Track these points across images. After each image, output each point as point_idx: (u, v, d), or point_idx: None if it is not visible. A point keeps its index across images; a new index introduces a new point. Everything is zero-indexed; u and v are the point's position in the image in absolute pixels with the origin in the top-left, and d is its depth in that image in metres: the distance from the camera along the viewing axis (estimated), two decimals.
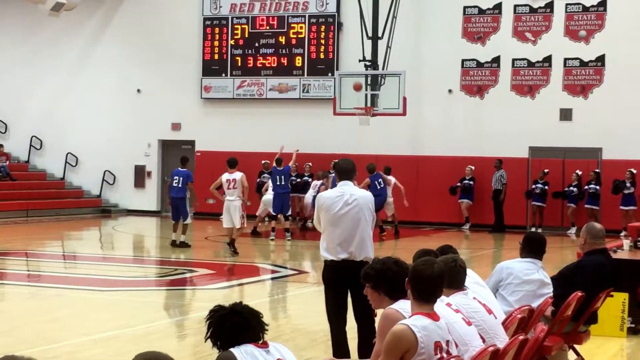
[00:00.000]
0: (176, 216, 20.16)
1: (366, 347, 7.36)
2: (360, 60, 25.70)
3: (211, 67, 30.26)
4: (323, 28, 29.13)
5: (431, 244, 8.40)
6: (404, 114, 24.72)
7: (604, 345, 10.27)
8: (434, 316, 5.20)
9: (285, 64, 29.42)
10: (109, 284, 15.56)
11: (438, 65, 27.77)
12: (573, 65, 26.75)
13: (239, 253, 18.83)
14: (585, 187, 25.74)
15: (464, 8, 27.82)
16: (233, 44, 30.04)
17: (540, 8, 27.14)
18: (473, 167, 27.02)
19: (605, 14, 26.52)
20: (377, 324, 5.68)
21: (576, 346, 8.59)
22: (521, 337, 5.97)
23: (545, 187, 26.30)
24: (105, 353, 9.89)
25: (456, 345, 5.34)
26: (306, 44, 29.24)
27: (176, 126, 30.99)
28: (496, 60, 27.49)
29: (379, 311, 5.87)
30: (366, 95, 24.86)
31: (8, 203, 28.17)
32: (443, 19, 27.89)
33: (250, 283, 16.21)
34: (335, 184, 8.91)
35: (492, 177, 26.60)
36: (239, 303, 4.61)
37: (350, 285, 8.42)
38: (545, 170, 26.39)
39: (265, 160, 28.12)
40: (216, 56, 30.21)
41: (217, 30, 30.21)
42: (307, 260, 19.94)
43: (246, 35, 29.91)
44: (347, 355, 8.38)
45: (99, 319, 11.99)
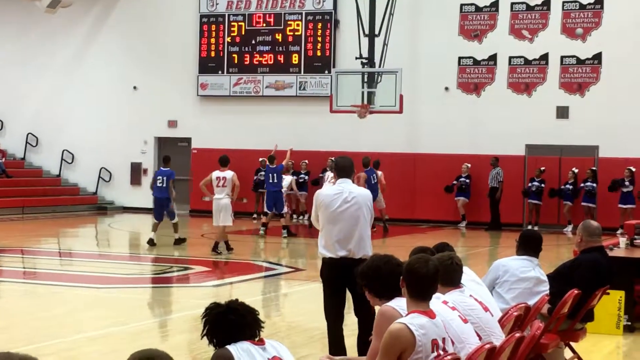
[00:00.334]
0: (159, 216, 20.02)
1: (366, 344, 7.37)
2: (357, 58, 25.68)
3: (208, 65, 30.23)
4: (320, 25, 29.11)
5: (427, 242, 8.40)
6: (401, 111, 24.71)
7: (600, 343, 10.28)
8: (431, 314, 5.19)
9: (282, 62, 29.39)
10: (105, 281, 15.54)
11: (435, 62, 27.77)
12: (570, 63, 26.76)
13: (233, 249, 18.84)
14: (582, 185, 25.75)
15: (461, 5, 27.81)
16: (229, 41, 30.02)
17: (537, 6, 27.13)
18: (469, 165, 27.02)
19: (602, 12, 26.53)
20: (374, 322, 5.67)
21: (572, 344, 8.58)
22: (517, 335, 5.96)
23: (542, 185, 26.31)
24: (101, 350, 9.88)
25: (452, 343, 5.33)
26: (303, 41, 29.22)
27: (172, 123, 30.96)
28: (493, 58, 27.49)
29: (377, 308, 5.87)
30: (363, 92, 24.85)
31: (4, 200, 28.14)
32: (440, 16, 27.87)
33: (246, 280, 16.20)
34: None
35: (489, 175, 26.61)
36: (235, 300, 4.60)
37: (348, 283, 8.42)
38: (541, 168, 26.39)
39: (263, 158, 28.10)
40: (213, 53, 30.19)
41: (214, 27, 30.19)
42: (303, 258, 19.93)
43: (243, 33, 29.89)
44: (344, 352, 8.39)
45: (95, 316, 11.97)
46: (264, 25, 29.67)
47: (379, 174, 24.20)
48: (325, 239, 8.56)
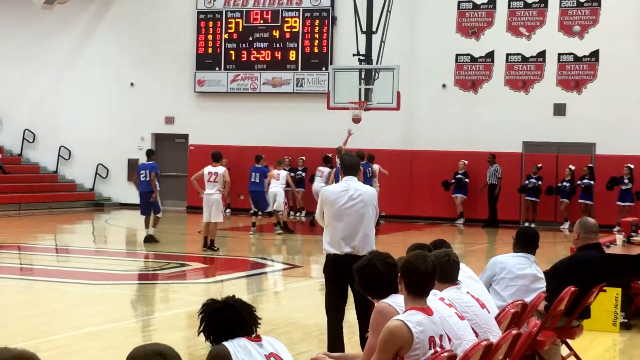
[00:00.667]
0: (146, 211, 19.91)
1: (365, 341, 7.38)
2: (354, 55, 25.67)
3: (205, 61, 30.21)
4: (317, 22, 29.10)
5: (424, 239, 8.39)
6: (398, 108, 24.71)
7: (596, 340, 10.29)
8: (428, 311, 5.19)
9: (279, 58, 29.38)
10: (102, 277, 15.53)
11: (432, 59, 27.77)
12: (567, 61, 26.76)
13: (218, 249, 18.75)
14: (579, 182, 25.77)
15: (458, 3, 27.81)
16: (227, 37, 30.00)
17: (534, 3, 27.13)
18: (466, 162, 27.02)
19: (599, 9, 26.53)
20: (370, 319, 5.67)
21: (569, 341, 8.59)
22: (514, 332, 5.97)
23: (539, 182, 26.33)
24: (97, 346, 9.87)
25: (449, 340, 5.34)
26: (300, 38, 29.21)
27: (169, 120, 30.95)
28: (490, 55, 27.49)
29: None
30: (360, 89, 24.84)
31: (0, 196, 28.10)
32: (437, 13, 27.87)
33: (243, 277, 16.20)
34: (338, 177, 9.00)
35: (487, 172, 26.61)
36: (232, 297, 4.60)
37: (351, 280, 8.43)
38: (538, 165, 26.41)
39: (260, 155, 28.11)
40: (210, 50, 30.17)
41: (211, 24, 30.16)
42: (301, 255, 19.93)
43: (240, 29, 29.87)
44: (342, 349, 8.39)
45: (92, 312, 11.96)
46: (262, 21, 29.65)
47: (375, 167, 24.21)
48: (331, 235, 8.60)
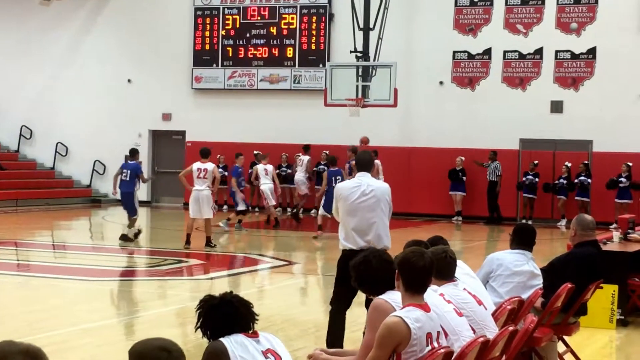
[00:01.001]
0: (132, 210, 19.65)
1: None
2: (351, 52, 25.65)
3: (202, 58, 30.19)
4: (314, 19, 29.09)
5: (422, 236, 8.41)
6: (395, 105, 24.71)
7: (593, 337, 10.31)
8: (425, 307, 5.20)
9: (277, 55, 29.37)
10: (99, 273, 15.53)
11: (429, 56, 27.77)
12: (564, 58, 26.78)
13: (215, 245, 18.73)
14: (575, 180, 25.79)
15: (455, 0, 27.81)
16: (224, 34, 29.98)
17: (531, 0, 27.14)
18: (463, 158, 27.02)
19: (596, 7, 26.54)
20: (367, 315, 5.68)
21: (565, 337, 8.60)
22: (511, 328, 5.97)
23: (536, 179, 26.35)
24: (94, 343, 9.87)
25: (446, 335, 5.34)
26: (297, 34, 29.19)
27: (167, 116, 30.93)
28: (487, 52, 27.50)
29: None
30: (357, 86, 24.83)
31: None
32: (434, 10, 27.87)
33: (240, 273, 16.20)
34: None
35: (487, 169, 26.59)
36: (230, 293, 4.60)
37: None
38: (535, 161, 26.42)
39: (257, 151, 28.10)
40: (207, 46, 30.15)
41: (208, 20, 30.14)
42: (298, 251, 19.93)
43: (237, 26, 29.85)
44: (341, 343, 8.42)
45: (89, 308, 11.96)
46: (259, 18, 29.64)
47: (377, 162, 24.15)
48: (345, 230, 8.79)
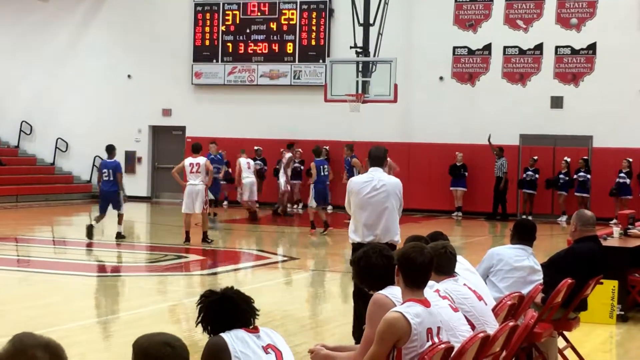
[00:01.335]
0: (105, 208, 19.17)
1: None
2: (351, 47, 25.64)
3: (202, 53, 30.18)
4: (314, 14, 29.07)
5: (421, 231, 8.41)
6: (395, 100, 24.70)
7: (593, 332, 10.31)
8: (426, 302, 5.19)
9: (277, 51, 29.36)
10: (99, 269, 15.53)
11: (429, 52, 27.75)
12: (564, 53, 26.76)
13: (212, 241, 18.68)
14: (575, 176, 25.80)
15: None
16: (224, 30, 29.96)
17: None
18: (462, 154, 27.00)
19: (596, 2, 26.51)
20: (367, 310, 5.67)
21: (566, 333, 8.60)
22: (511, 324, 5.97)
23: (536, 175, 26.35)
24: (94, 338, 9.88)
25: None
26: (297, 30, 29.17)
27: (167, 112, 30.92)
28: (487, 47, 27.48)
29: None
30: (357, 81, 24.82)
31: None
32: (434, 6, 27.85)
33: (241, 269, 16.21)
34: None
35: (495, 165, 26.55)
36: (230, 288, 4.60)
37: None
38: (534, 157, 26.42)
39: (258, 147, 28.17)
40: (207, 42, 30.13)
41: (208, 16, 30.12)
42: (298, 247, 19.94)
43: (237, 22, 29.83)
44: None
45: (89, 304, 11.97)
46: (259, 14, 29.61)
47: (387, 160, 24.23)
48: (355, 223, 9.03)
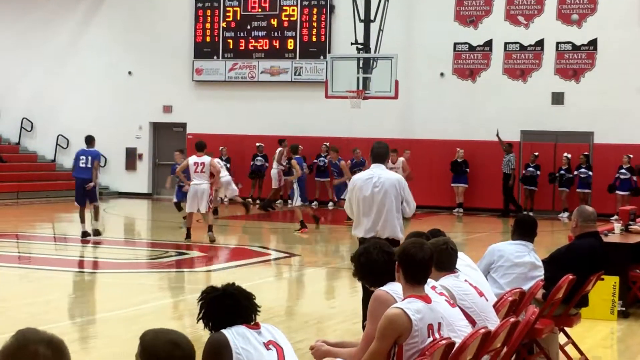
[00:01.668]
0: (82, 200, 18.81)
1: None
2: (352, 43, 25.63)
3: (203, 50, 30.16)
4: (315, 11, 29.04)
5: (422, 228, 8.41)
6: (396, 97, 24.70)
7: (594, 328, 10.31)
8: (426, 298, 5.20)
9: (277, 47, 29.34)
10: (100, 266, 15.54)
11: (430, 48, 27.73)
12: (565, 49, 26.74)
13: (215, 239, 18.65)
14: (575, 172, 25.80)
15: None
16: (225, 26, 29.94)
17: None
18: (463, 150, 26.99)
19: None
20: (368, 306, 5.67)
21: (567, 329, 8.61)
22: (512, 320, 5.98)
23: (537, 172, 26.34)
24: (95, 335, 9.89)
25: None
26: (298, 26, 29.15)
27: (167, 109, 30.91)
28: (488, 43, 27.46)
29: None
30: (358, 78, 24.82)
31: None
32: (435, 2, 27.83)
33: (242, 265, 16.21)
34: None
35: (502, 161, 26.51)
36: (232, 284, 4.61)
37: None
38: (535, 153, 26.41)
39: (260, 143, 28.19)
40: (208, 39, 30.11)
41: (209, 12, 30.10)
42: (299, 244, 19.94)
43: (238, 18, 29.80)
44: None
45: (91, 301, 11.98)
46: (260, 10, 29.59)
47: (402, 160, 24.36)
48: (357, 220, 9.26)
